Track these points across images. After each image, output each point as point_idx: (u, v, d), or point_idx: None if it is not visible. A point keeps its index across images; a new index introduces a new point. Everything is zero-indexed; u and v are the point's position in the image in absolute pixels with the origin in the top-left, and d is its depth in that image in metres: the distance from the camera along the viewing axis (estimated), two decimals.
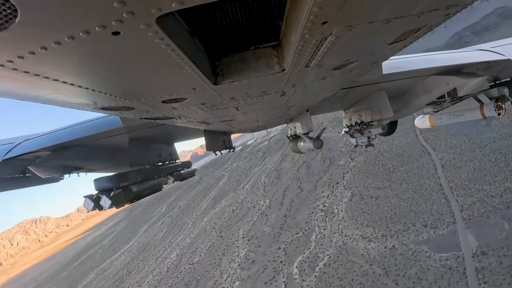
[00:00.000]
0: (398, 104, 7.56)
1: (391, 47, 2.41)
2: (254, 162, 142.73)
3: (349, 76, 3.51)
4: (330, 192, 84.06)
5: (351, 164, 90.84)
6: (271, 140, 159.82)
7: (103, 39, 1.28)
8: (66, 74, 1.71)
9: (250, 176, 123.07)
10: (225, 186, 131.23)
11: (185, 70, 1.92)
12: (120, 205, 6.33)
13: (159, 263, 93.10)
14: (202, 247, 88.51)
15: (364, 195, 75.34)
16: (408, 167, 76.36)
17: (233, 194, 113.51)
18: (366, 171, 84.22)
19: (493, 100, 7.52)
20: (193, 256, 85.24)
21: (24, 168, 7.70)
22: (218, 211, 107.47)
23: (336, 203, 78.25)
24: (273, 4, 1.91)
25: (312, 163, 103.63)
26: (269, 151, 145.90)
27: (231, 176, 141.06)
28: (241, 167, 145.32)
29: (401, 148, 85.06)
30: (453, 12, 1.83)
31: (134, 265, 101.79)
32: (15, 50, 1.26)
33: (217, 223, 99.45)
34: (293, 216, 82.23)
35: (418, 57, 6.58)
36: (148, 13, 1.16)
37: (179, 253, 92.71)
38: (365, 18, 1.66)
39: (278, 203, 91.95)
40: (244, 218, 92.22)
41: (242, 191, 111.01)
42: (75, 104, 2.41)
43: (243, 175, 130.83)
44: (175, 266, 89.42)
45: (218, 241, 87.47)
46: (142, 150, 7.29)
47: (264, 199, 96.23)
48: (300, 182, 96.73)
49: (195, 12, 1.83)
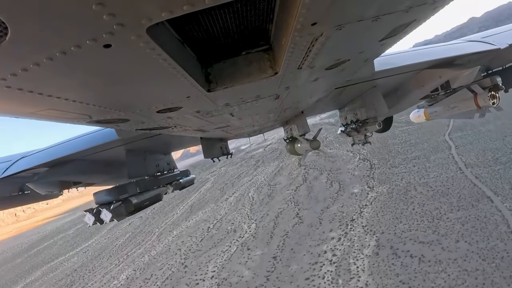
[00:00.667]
0: (392, 100, 7.61)
1: (381, 43, 2.43)
2: (244, 170, 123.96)
3: (341, 76, 3.52)
4: (342, 233, 53.96)
5: (370, 195, 62.84)
6: (267, 148, 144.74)
7: (95, 52, 1.29)
8: (60, 89, 1.71)
9: (237, 187, 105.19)
10: (207, 193, 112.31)
11: (178, 79, 1.92)
12: (121, 218, 6.29)
13: (104, 282, 71.11)
14: (158, 276, 63.08)
15: (397, 249, 45.23)
16: (462, 215, 47.01)
17: (213, 206, 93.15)
18: (395, 209, 54.88)
19: (486, 90, 7.59)
20: (143, 287, 61.13)
21: (22, 186, 7.66)
22: (191, 225, 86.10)
23: (353, 254, 47.77)
24: (262, 8, 1.92)
25: (315, 184, 78.72)
26: (263, 160, 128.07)
27: (216, 182, 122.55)
28: (229, 173, 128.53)
29: (442, 184, 57.35)
30: (441, 5, 1.84)
31: (80, 275, 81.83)
32: (7, 67, 1.26)
33: (185, 242, 74.94)
34: (286, 262, 51.70)
35: (409, 52, 6.64)
36: (138, 23, 1.16)
37: (130, 275, 68.99)
38: (354, 17, 1.66)
39: (267, 233, 63.70)
40: (219, 246, 65.38)
41: (225, 204, 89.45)
42: (70, 119, 2.40)
43: (230, 183, 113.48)
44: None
45: (179, 273, 60.52)
46: (139, 161, 7.27)
47: (249, 222, 72.59)
48: (299, 209, 69.20)
49: (185, 20, 1.83)
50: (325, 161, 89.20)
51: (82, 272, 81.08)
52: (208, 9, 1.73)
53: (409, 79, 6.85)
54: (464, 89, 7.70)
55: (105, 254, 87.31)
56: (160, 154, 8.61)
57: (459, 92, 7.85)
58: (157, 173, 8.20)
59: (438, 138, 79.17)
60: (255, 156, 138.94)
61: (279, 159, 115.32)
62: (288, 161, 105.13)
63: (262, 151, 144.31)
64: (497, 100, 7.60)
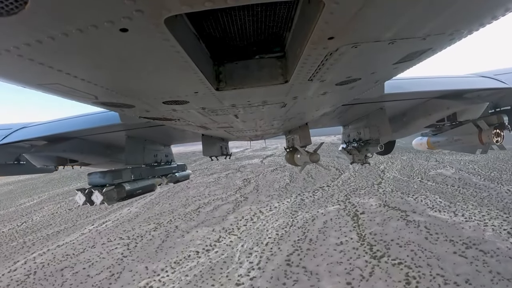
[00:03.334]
0: (397, 124, 7.60)
1: (394, 67, 2.43)
2: (219, 191, 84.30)
3: (350, 93, 3.52)
4: None
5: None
6: (265, 160, 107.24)
7: (111, 35, 1.29)
8: (70, 66, 1.72)
9: (188, 227, 68.26)
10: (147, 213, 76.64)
11: (189, 73, 1.92)
12: (111, 202, 6.28)
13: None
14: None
15: None
16: None
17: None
18: None
19: (491, 127, 7.58)
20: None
21: (19, 156, 7.68)
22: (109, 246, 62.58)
23: None
24: (281, 15, 1.93)
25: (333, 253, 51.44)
26: (256, 184, 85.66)
27: (172, 197, 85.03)
28: (200, 189, 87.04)
29: None
30: (458, 37, 1.85)
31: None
32: (22, 37, 1.26)
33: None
34: None
35: (421, 79, 6.66)
36: (157, 13, 1.16)
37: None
38: (371, 37, 1.67)
39: None
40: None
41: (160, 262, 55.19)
42: (76, 97, 2.41)
43: (189, 202, 77.71)
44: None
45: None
46: (138, 149, 7.27)
47: None
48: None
49: (203, 16, 1.84)
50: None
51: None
52: (228, 8, 1.74)
53: (416, 106, 6.85)
54: (469, 123, 7.68)
55: (25, 235, 69.73)
56: (160, 145, 8.62)
57: (464, 126, 7.83)
58: (154, 163, 8.19)
59: None
60: (245, 168, 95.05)
61: (279, 192, 74.83)
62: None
63: (257, 163, 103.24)
64: (501, 138, 7.58)
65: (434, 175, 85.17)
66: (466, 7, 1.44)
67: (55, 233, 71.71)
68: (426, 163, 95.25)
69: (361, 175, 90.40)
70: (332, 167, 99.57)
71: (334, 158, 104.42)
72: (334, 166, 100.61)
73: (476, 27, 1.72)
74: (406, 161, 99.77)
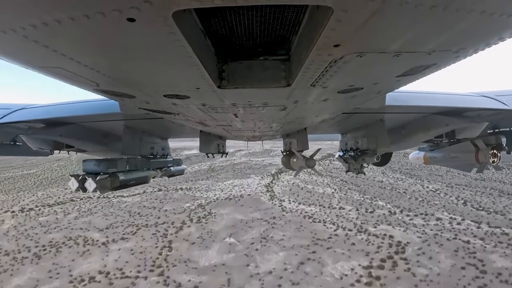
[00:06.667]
0: (396, 136, 7.62)
1: (398, 79, 2.44)
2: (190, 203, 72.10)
3: (351, 102, 3.53)
4: None
5: None
6: (259, 164, 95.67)
7: (117, 24, 1.28)
8: (74, 51, 1.71)
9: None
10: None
11: (192, 69, 1.92)
12: (104, 191, 6.26)
13: None
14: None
15: None
16: None
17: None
18: None
19: (489, 147, 7.63)
20: None
21: (15, 136, 7.63)
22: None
23: None
24: (289, 18, 1.92)
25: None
26: (241, 195, 73.56)
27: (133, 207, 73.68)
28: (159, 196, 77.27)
29: None
30: (463, 55, 1.86)
31: None
32: (28, 18, 1.24)
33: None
34: None
35: (422, 93, 6.69)
36: (166, 5, 1.16)
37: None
38: (376, 48, 1.68)
39: None
40: None
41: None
42: (78, 82, 2.40)
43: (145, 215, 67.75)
44: None
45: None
46: (135, 140, 7.25)
47: None
48: None
49: (211, 13, 1.84)
50: None
51: None
52: (237, 7, 1.74)
53: (416, 120, 6.87)
54: (467, 142, 7.73)
55: None
56: (157, 138, 8.60)
57: (462, 144, 7.88)
58: (150, 155, 8.17)
59: None
60: (225, 172, 75.27)
61: (268, 216, 60.57)
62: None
63: (247, 166, 79.86)
64: (497, 159, 7.63)
65: None
66: (473, 26, 1.45)
67: None
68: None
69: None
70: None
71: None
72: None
73: (482, 46, 1.73)
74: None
